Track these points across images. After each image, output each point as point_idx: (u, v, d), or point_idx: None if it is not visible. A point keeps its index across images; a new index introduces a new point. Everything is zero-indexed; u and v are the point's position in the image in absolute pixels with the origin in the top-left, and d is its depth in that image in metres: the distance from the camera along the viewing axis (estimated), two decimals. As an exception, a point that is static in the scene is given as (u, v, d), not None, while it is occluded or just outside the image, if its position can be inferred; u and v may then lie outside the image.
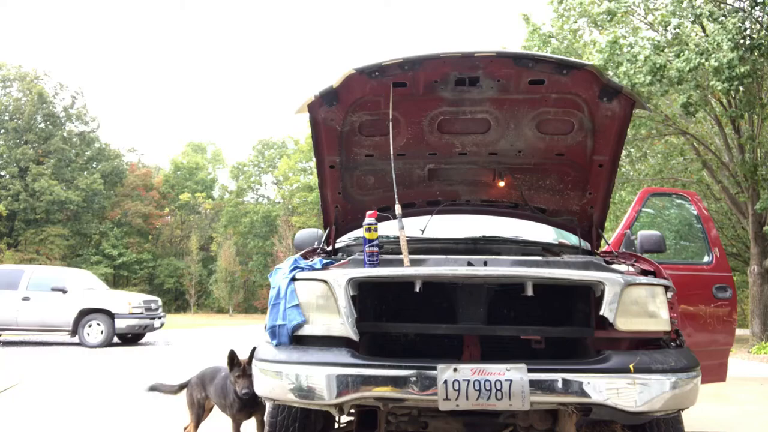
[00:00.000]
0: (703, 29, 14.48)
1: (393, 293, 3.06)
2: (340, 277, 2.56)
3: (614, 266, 3.01)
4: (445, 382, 2.31)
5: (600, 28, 15.76)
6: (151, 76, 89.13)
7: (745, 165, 15.80)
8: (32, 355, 11.25)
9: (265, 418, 3.31)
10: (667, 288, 2.62)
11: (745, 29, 12.93)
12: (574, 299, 2.92)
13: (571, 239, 3.85)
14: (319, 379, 2.38)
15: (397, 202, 2.98)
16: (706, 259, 4.73)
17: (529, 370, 2.32)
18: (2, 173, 42.89)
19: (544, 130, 3.28)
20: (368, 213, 2.94)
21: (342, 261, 3.06)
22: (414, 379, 2.33)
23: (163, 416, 5.14)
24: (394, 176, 3.05)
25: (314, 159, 3.43)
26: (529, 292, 2.50)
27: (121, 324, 13.25)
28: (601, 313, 2.49)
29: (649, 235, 4.19)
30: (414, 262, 2.80)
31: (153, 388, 4.02)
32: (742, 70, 12.11)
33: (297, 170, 51.63)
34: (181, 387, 3.88)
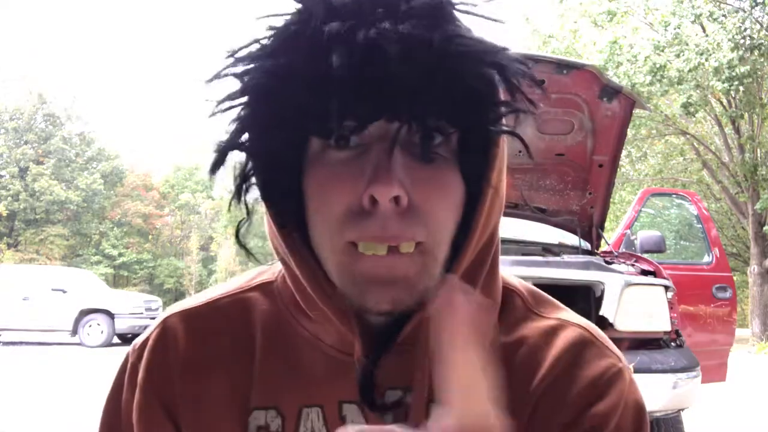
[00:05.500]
0: (703, 29, 14.48)
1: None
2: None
3: (614, 266, 3.02)
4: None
5: (600, 28, 15.77)
6: (150, 77, 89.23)
7: (745, 165, 15.81)
8: (32, 355, 11.24)
9: None
10: (667, 288, 2.63)
11: (745, 29, 12.93)
12: (574, 299, 2.92)
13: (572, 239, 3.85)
14: None
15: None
16: (706, 259, 4.73)
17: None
18: (2, 173, 42.91)
19: (544, 130, 3.28)
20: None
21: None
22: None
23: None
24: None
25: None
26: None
27: (121, 324, 13.24)
28: (601, 313, 2.49)
29: (649, 235, 4.18)
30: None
31: None
32: (742, 70, 12.12)
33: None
34: None
